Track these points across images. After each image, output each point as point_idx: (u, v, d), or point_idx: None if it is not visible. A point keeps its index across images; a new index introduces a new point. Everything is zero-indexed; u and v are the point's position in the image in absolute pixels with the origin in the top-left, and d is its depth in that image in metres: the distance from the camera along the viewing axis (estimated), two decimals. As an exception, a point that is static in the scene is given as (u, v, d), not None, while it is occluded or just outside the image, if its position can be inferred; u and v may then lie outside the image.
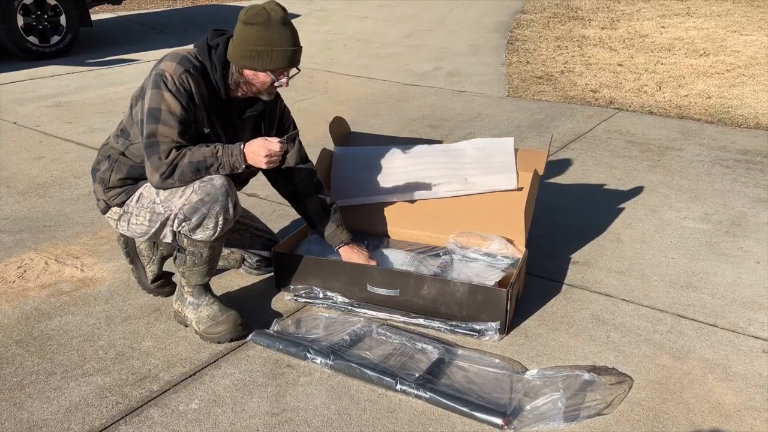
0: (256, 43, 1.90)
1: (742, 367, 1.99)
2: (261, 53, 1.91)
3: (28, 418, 1.74)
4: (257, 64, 1.93)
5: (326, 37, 7.52)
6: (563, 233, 2.87)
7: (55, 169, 3.56)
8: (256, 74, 1.96)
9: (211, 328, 2.05)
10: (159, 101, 1.88)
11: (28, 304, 2.28)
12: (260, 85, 1.99)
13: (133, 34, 7.62)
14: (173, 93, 1.88)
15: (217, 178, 1.94)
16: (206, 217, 1.94)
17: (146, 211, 2.04)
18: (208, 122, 1.99)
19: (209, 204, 1.93)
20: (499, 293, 2.06)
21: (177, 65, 1.91)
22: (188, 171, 1.91)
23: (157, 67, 1.94)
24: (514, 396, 1.82)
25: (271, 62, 1.93)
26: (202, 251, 2.02)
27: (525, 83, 5.60)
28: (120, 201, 2.09)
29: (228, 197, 1.95)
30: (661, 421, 1.76)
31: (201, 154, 1.91)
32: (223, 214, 1.95)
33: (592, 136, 4.23)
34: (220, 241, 2.05)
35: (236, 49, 1.93)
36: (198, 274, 2.07)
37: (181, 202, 1.95)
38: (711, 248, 2.75)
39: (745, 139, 4.15)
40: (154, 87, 1.90)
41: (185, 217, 1.95)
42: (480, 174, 2.49)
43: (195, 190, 1.94)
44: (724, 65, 6.06)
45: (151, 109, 1.89)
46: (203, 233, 1.97)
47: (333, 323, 2.17)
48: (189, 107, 1.92)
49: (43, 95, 5.04)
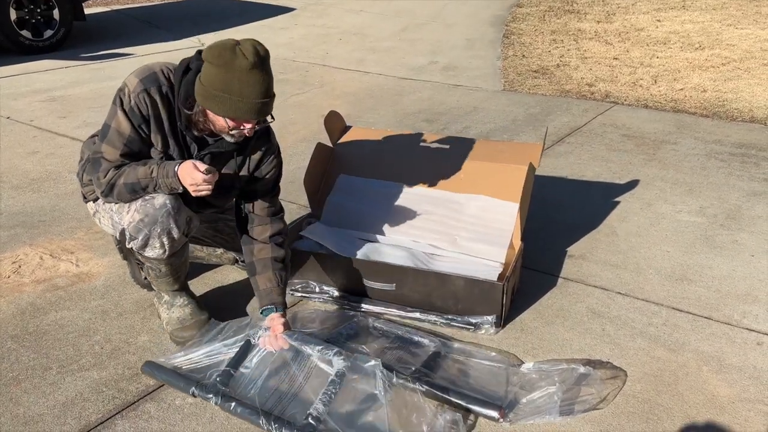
0: (214, 86, 1.68)
1: (737, 359, 2.00)
2: (218, 98, 1.69)
3: (24, 413, 1.74)
4: (213, 107, 1.72)
5: (321, 31, 7.50)
6: (559, 227, 2.88)
7: (49, 163, 3.54)
8: (215, 116, 1.75)
9: (177, 332, 2.04)
10: (111, 118, 1.81)
11: (24, 299, 2.27)
12: (219, 128, 1.79)
13: (126, 28, 7.58)
14: (126, 112, 1.78)
15: (158, 197, 1.84)
16: (150, 237, 1.87)
17: (107, 216, 2.03)
18: (163, 145, 1.85)
19: (149, 225, 1.85)
20: (495, 287, 2.06)
21: (139, 82, 1.78)
22: (125, 191, 1.83)
23: (126, 78, 1.82)
24: (510, 389, 1.83)
25: (228, 110, 1.71)
26: (160, 267, 1.98)
27: (521, 77, 5.60)
28: (93, 198, 2.08)
29: (169, 217, 1.84)
30: (655, 414, 1.77)
31: (135, 176, 1.80)
32: (167, 235, 1.87)
33: (588, 129, 4.23)
34: (177, 255, 1.97)
35: (198, 84, 1.73)
36: (165, 283, 2.05)
37: (127, 219, 1.89)
38: (706, 241, 2.76)
39: (740, 132, 4.16)
40: (114, 102, 1.81)
41: (131, 235, 1.88)
42: (470, 238, 2.41)
43: (137, 208, 1.86)
44: (719, 59, 6.06)
45: (104, 125, 1.83)
46: (152, 252, 1.91)
47: (329, 318, 2.17)
48: (140, 129, 1.81)
49: (37, 90, 5.01)
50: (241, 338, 1.93)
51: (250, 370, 1.84)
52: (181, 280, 2.08)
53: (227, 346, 1.92)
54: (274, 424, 1.64)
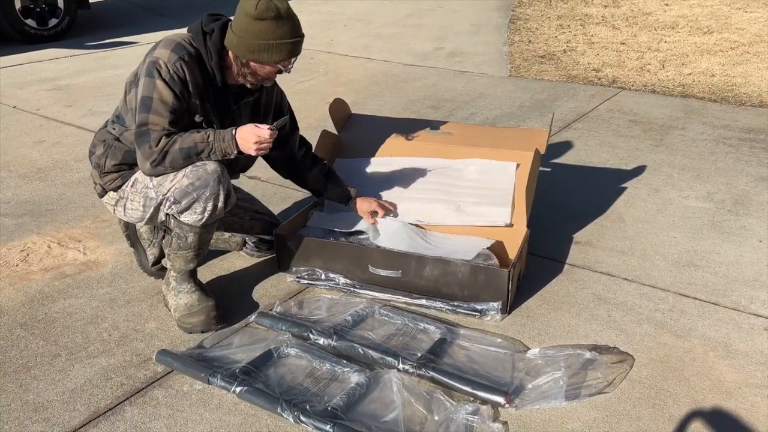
0: (266, 38, 1.89)
1: (744, 345, 2.00)
2: (270, 47, 1.90)
3: (34, 400, 1.76)
4: (265, 57, 1.92)
5: (326, 18, 7.46)
6: (565, 213, 2.87)
7: (55, 152, 3.56)
8: (262, 66, 1.96)
9: (184, 318, 2.05)
10: (151, 90, 1.88)
11: (32, 288, 2.29)
12: (265, 74, 1.99)
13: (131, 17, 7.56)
14: (166, 81, 1.88)
15: (209, 164, 1.94)
16: (195, 201, 1.94)
17: (140, 196, 2.04)
18: (202, 110, 1.98)
19: (200, 188, 1.93)
20: (501, 273, 2.06)
21: (171, 53, 1.89)
22: (179, 157, 1.91)
23: (151, 54, 1.92)
24: (516, 375, 1.83)
25: (279, 55, 1.93)
26: (188, 235, 2.01)
27: (527, 63, 5.56)
28: (116, 186, 2.08)
29: (219, 183, 1.94)
30: (662, 399, 1.77)
31: (192, 140, 1.91)
32: (213, 200, 1.95)
33: (595, 115, 4.20)
34: (208, 228, 2.04)
35: (243, 43, 1.90)
36: (182, 258, 2.06)
37: (173, 185, 1.95)
38: (713, 227, 2.74)
39: (749, 117, 4.12)
40: (148, 75, 1.89)
41: (175, 199, 1.96)
42: (474, 203, 2.42)
43: (186, 174, 1.94)
44: (728, 43, 5.99)
45: (144, 98, 1.89)
46: (190, 217, 1.97)
47: (335, 304, 2.18)
48: (182, 96, 1.91)
49: (43, 79, 5.02)
50: (262, 346, 1.94)
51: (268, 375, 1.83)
52: (197, 260, 2.10)
53: (245, 352, 1.93)
54: (294, 411, 1.65)
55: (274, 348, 1.92)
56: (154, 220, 2.09)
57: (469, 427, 1.64)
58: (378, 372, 1.82)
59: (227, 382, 1.75)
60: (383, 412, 1.69)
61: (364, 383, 1.77)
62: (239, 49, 1.92)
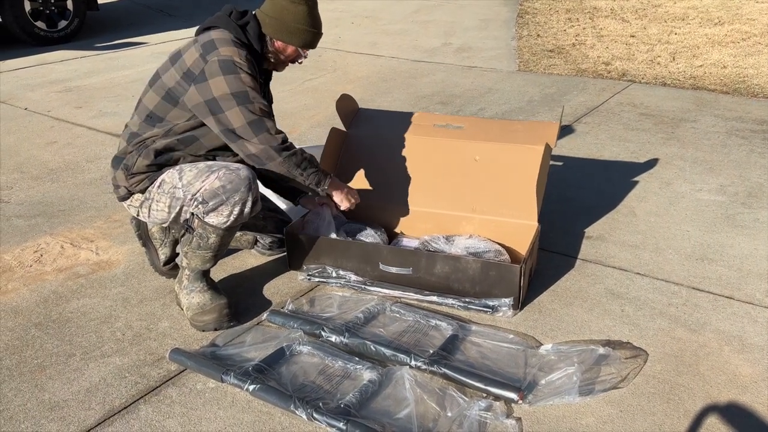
0: (302, 22, 2.06)
1: (759, 338, 1.98)
2: (302, 31, 2.07)
3: (50, 399, 1.77)
4: (294, 40, 2.08)
5: (334, 15, 7.45)
6: (576, 207, 2.85)
7: (67, 153, 3.58)
8: (286, 47, 2.10)
9: (197, 316, 2.06)
10: (240, 84, 1.95)
11: (46, 288, 2.31)
12: (285, 57, 2.14)
13: (139, 18, 7.60)
14: (250, 74, 1.98)
15: (243, 169, 1.98)
16: (223, 204, 1.96)
17: (167, 196, 2.04)
18: (262, 94, 2.10)
19: (230, 192, 1.95)
20: (513, 269, 2.05)
21: (237, 49, 1.98)
22: (297, 156, 2.03)
23: (216, 53, 1.95)
24: (529, 371, 1.83)
25: (304, 40, 2.10)
26: (210, 236, 2.02)
27: (536, 57, 5.53)
28: (143, 187, 2.08)
29: (249, 191, 1.97)
30: (676, 394, 1.76)
31: (311, 156, 2.08)
32: (240, 205, 1.97)
33: (605, 109, 4.18)
34: (230, 232, 2.05)
35: (276, 23, 2.05)
36: (200, 258, 2.07)
37: (203, 186, 1.97)
38: (727, 220, 2.72)
39: (762, 108, 4.08)
40: (229, 73, 1.95)
41: (204, 199, 1.97)
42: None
43: (219, 176, 1.97)
44: (739, 34, 5.93)
45: (236, 93, 1.95)
46: (216, 218, 1.99)
47: (347, 302, 2.18)
48: (259, 84, 2.04)
49: (53, 80, 5.06)
50: (275, 344, 1.94)
51: (281, 373, 1.84)
52: (214, 261, 2.11)
53: (257, 350, 1.93)
54: (307, 408, 1.65)
55: (287, 346, 1.92)
56: (177, 221, 2.11)
57: (482, 424, 1.63)
58: (390, 369, 1.82)
59: (240, 380, 1.76)
60: (396, 409, 1.69)
61: (377, 380, 1.77)
62: (271, 28, 2.06)
